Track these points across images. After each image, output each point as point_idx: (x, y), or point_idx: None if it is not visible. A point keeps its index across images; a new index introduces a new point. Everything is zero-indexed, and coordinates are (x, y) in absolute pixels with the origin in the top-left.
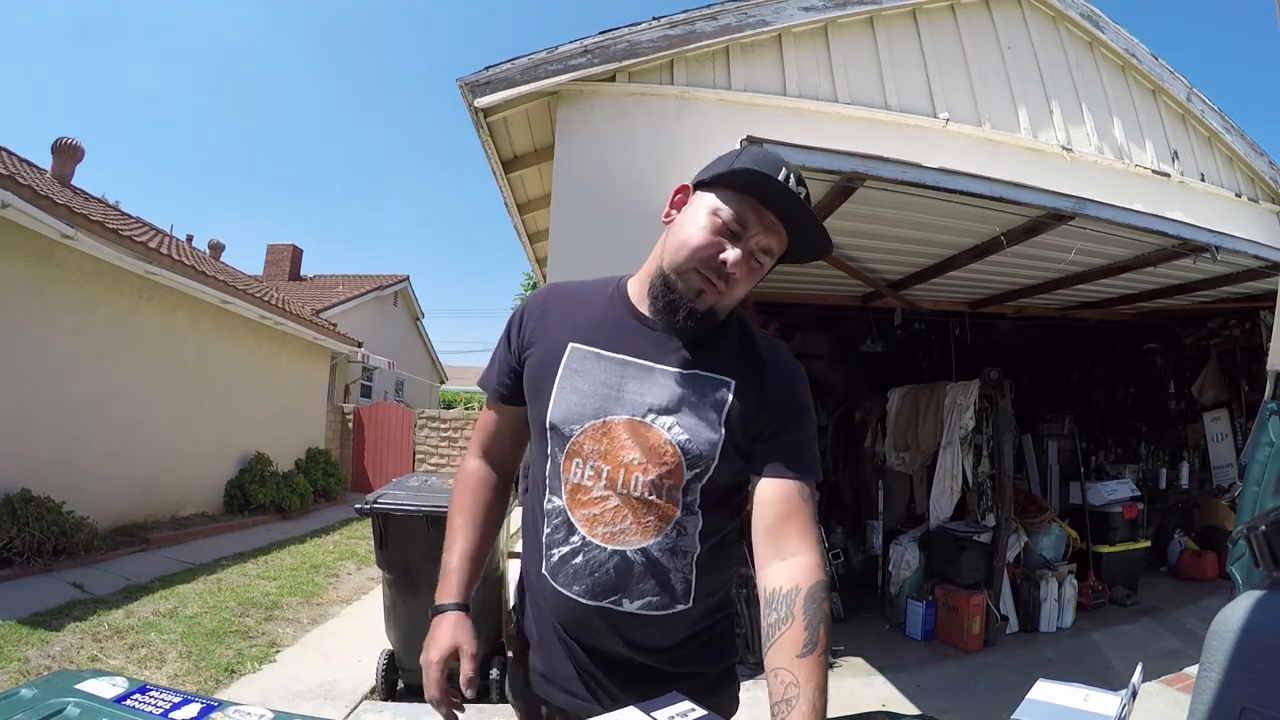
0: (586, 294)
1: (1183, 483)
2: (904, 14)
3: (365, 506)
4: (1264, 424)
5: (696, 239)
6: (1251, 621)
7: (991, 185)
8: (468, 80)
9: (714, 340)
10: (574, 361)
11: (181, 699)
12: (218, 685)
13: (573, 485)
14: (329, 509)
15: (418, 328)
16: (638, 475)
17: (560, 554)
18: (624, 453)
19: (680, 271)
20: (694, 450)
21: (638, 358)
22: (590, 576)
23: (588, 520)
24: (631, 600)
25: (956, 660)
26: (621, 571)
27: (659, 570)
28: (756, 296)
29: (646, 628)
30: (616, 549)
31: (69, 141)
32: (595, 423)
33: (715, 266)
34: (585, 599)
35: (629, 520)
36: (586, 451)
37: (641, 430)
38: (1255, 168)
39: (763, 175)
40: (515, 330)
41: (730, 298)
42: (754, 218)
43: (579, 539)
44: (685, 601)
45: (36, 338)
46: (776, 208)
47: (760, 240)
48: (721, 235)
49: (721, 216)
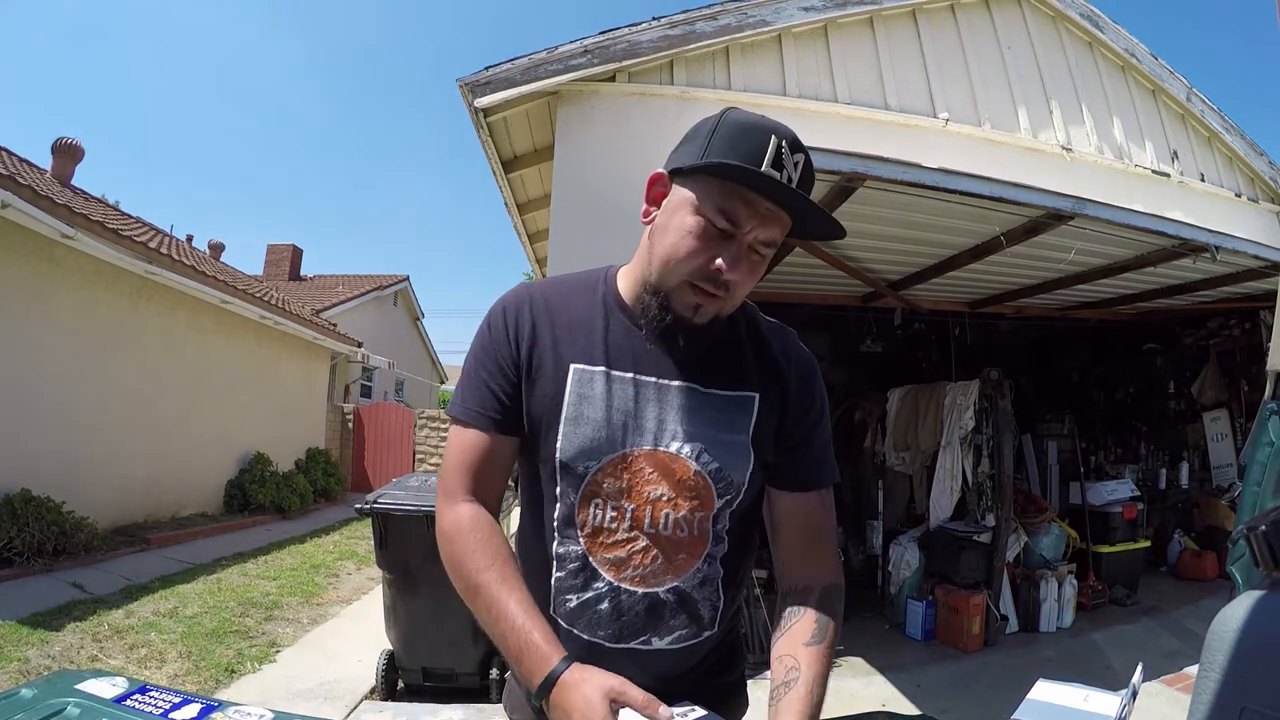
0: (571, 297)
1: (1183, 483)
2: (904, 14)
3: (365, 506)
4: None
5: (683, 249)
6: (1251, 621)
7: (991, 185)
8: (468, 80)
9: (727, 346)
10: (579, 386)
11: (181, 699)
12: (218, 685)
13: (593, 529)
14: (329, 509)
15: (418, 328)
16: (668, 512)
17: (580, 600)
18: (649, 488)
19: (671, 288)
20: (725, 477)
21: (649, 375)
22: (618, 621)
23: (614, 565)
24: (661, 638)
25: (956, 660)
26: (653, 612)
27: (689, 604)
28: (756, 297)
29: (671, 658)
30: (648, 591)
31: (69, 141)
32: (613, 456)
33: (709, 276)
34: (610, 643)
35: (660, 561)
36: (606, 491)
37: (666, 461)
38: (1255, 168)
39: (748, 170)
40: (507, 337)
41: (734, 302)
42: (746, 211)
43: (604, 585)
44: (712, 628)
45: (36, 338)
46: (773, 198)
47: (757, 234)
48: (711, 238)
49: (707, 216)
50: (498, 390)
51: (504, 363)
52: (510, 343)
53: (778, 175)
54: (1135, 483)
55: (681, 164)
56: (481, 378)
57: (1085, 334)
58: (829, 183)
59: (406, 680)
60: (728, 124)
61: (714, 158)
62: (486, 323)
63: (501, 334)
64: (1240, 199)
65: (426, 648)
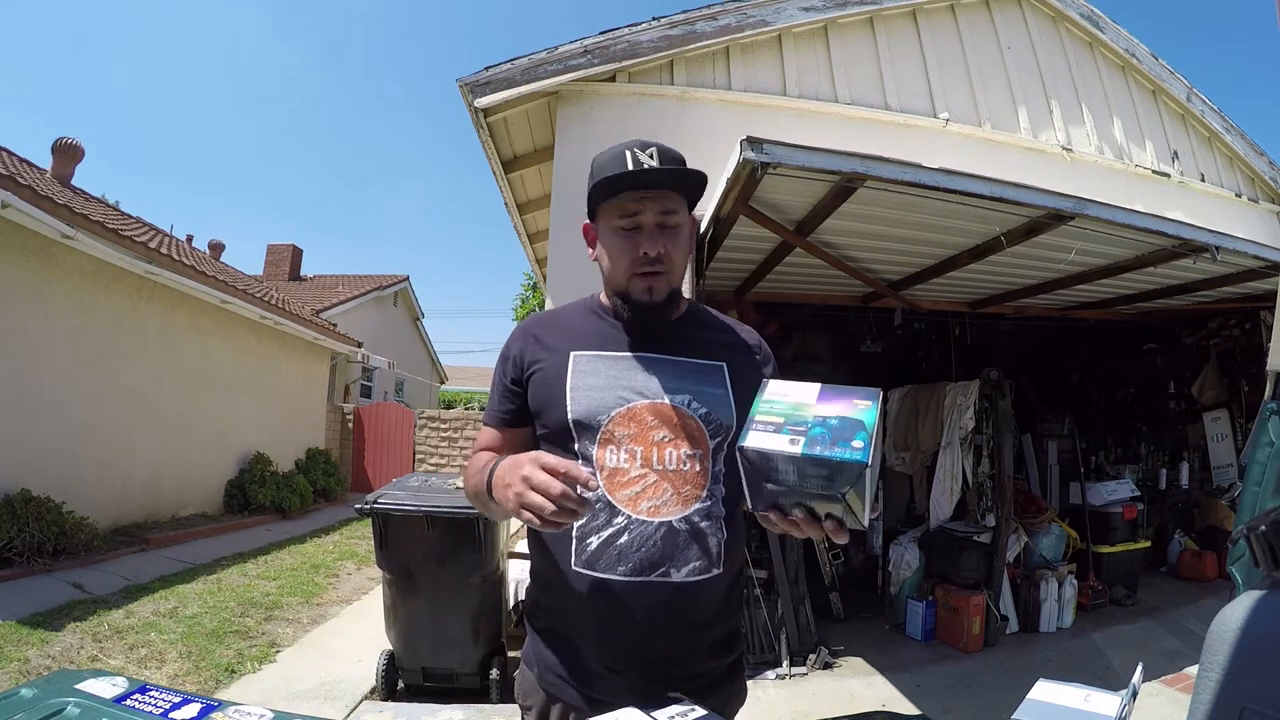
0: (567, 316)
1: (1183, 483)
2: (904, 14)
3: (365, 506)
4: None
5: (615, 254)
6: (1251, 621)
7: (991, 185)
8: (468, 80)
9: (689, 333)
10: (580, 365)
11: (181, 699)
12: (218, 685)
13: (610, 470)
14: (329, 509)
15: (418, 328)
16: (670, 450)
17: (602, 538)
18: (653, 432)
19: (625, 285)
20: (715, 420)
21: (635, 352)
22: (638, 552)
23: (630, 499)
24: (678, 569)
25: (956, 660)
26: (669, 541)
27: (700, 535)
28: (756, 297)
29: (689, 598)
30: (662, 520)
31: (69, 141)
32: (620, 410)
33: (642, 261)
34: (633, 577)
35: (669, 492)
36: (619, 436)
37: (665, 410)
38: (1255, 168)
39: (613, 177)
40: (513, 359)
41: (676, 269)
42: (634, 204)
43: (623, 519)
44: (719, 566)
45: (36, 338)
46: (645, 185)
47: (653, 213)
48: (627, 238)
49: (616, 225)
50: (504, 397)
51: (507, 377)
52: (513, 360)
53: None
54: (1135, 483)
55: (590, 207)
56: (496, 392)
57: (1085, 334)
58: (829, 183)
59: (406, 680)
60: (597, 163)
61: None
62: (503, 347)
63: (513, 351)
64: (1240, 199)
65: (426, 648)
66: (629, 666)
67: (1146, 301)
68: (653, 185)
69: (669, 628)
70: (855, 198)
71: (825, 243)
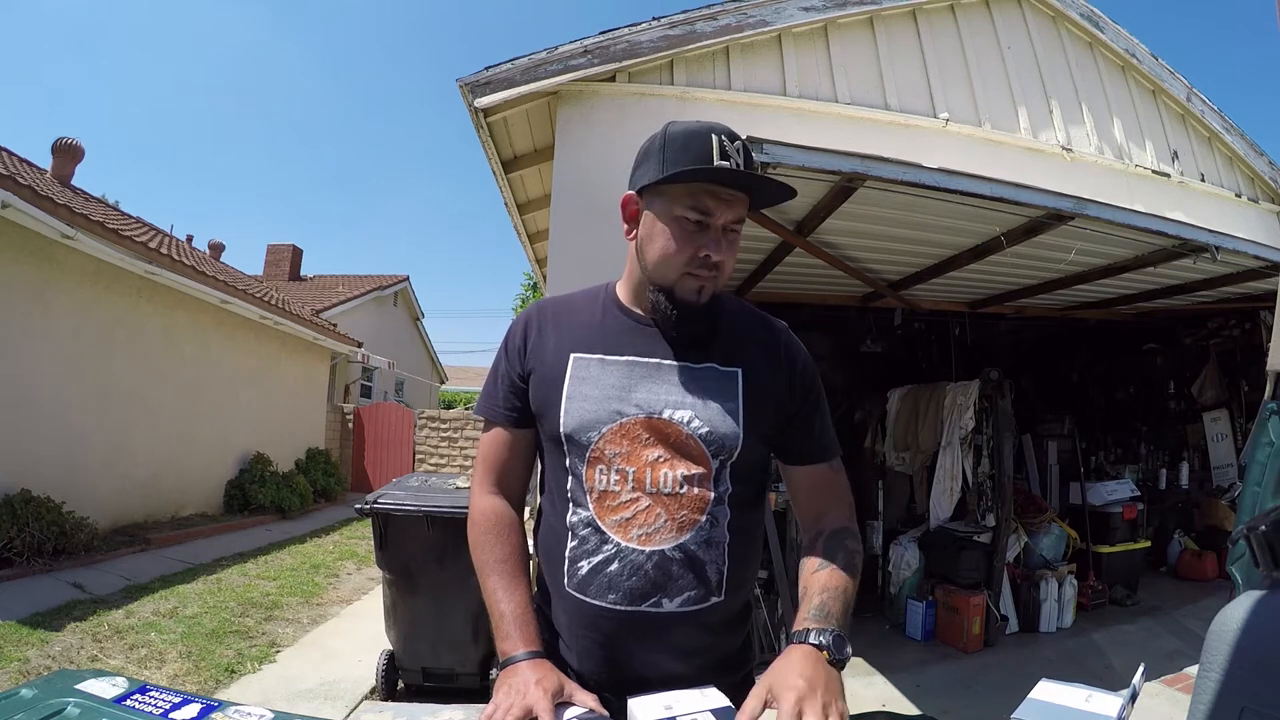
0: (577, 305)
1: (1183, 483)
2: (904, 14)
3: (365, 507)
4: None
5: (673, 248)
6: (1251, 621)
7: (991, 185)
8: (468, 80)
9: (715, 333)
10: (578, 370)
11: (181, 699)
12: (218, 685)
13: (599, 492)
14: (329, 509)
15: (418, 328)
16: (665, 472)
17: (591, 564)
18: (647, 451)
19: (673, 281)
20: (716, 440)
21: (641, 357)
22: (628, 582)
23: (620, 525)
24: (671, 599)
25: (956, 660)
26: (661, 571)
27: (696, 564)
28: (756, 297)
29: (684, 625)
30: (655, 549)
31: (69, 141)
32: (612, 426)
33: (702, 262)
34: (623, 605)
35: (663, 519)
36: (608, 456)
37: (660, 427)
38: (1255, 168)
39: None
40: (515, 349)
41: (724, 278)
42: (713, 202)
43: (613, 546)
44: (719, 594)
45: (36, 338)
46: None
47: (726, 217)
48: (692, 232)
49: (680, 214)
50: (510, 391)
51: (513, 369)
52: (517, 351)
53: (728, 165)
54: (1135, 483)
55: (648, 181)
56: (497, 382)
57: (1085, 334)
58: (829, 183)
59: (407, 680)
60: (673, 136)
61: (671, 168)
62: (505, 336)
63: (515, 341)
64: (1240, 199)
65: (426, 648)
66: (621, 685)
67: (1146, 301)
68: (738, 186)
69: (661, 657)
70: (855, 198)
71: (825, 243)
